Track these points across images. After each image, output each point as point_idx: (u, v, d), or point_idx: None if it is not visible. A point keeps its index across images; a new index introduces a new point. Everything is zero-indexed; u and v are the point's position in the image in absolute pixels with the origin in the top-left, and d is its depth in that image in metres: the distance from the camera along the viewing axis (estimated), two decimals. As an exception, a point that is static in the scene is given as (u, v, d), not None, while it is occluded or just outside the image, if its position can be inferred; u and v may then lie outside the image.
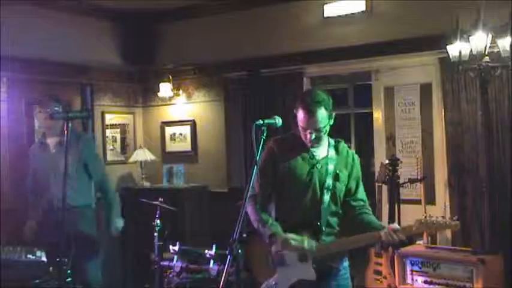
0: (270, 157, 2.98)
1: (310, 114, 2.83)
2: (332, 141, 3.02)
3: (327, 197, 2.90)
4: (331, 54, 5.53)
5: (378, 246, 4.70)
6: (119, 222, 4.44)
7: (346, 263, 3.02)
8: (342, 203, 2.97)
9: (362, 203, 2.98)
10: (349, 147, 3.07)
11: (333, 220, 2.95)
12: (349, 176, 2.97)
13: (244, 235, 2.55)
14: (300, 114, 2.87)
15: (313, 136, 2.87)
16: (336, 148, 3.00)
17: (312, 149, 2.96)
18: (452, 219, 2.75)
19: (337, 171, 2.93)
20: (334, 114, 2.92)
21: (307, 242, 2.83)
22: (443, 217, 2.78)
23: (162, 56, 6.64)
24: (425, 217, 2.76)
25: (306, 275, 2.85)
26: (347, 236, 2.93)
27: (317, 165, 2.94)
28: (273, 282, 2.90)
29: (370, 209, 3.00)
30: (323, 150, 2.98)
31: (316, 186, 2.91)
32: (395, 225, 2.81)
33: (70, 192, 4.08)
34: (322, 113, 2.83)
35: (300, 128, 2.91)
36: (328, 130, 2.94)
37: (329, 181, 2.91)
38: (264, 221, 2.90)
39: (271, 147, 2.99)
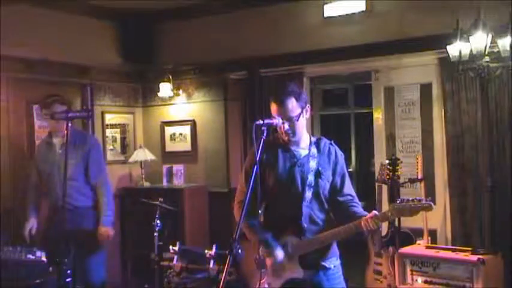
0: (252, 161, 2.97)
1: (280, 103, 2.89)
2: (313, 139, 3.05)
3: (308, 194, 2.92)
4: (331, 54, 5.53)
5: (377, 246, 4.70)
6: (109, 230, 4.27)
7: (337, 262, 3.03)
8: (329, 200, 2.99)
9: (350, 197, 3.00)
10: (332, 143, 3.07)
11: (318, 217, 2.95)
12: (333, 172, 2.99)
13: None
14: (273, 106, 2.93)
15: (286, 126, 2.90)
16: (317, 145, 3.02)
17: (292, 148, 2.98)
18: (426, 201, 2.78)
19: (319, 168, 2.94)
20: (308, 106, 2.98)
21: (277, 252, 2.88)
22: (416, 200, 2.79)
23: (162, 56, 6.64)
24: (398, 202, 2.80)
25: (294, 274, 2.89)
26: None
27: (298, 163, 2.96)
28: (265, 285, 2.93)
29: (358, 202, 3.01)
30: (304, 149, 3.00)
31: (298, 184, 2.93)
32: (374, 212, 2.83)
33: (74, 193, 4.09)
34: (292, 102, 2.89)
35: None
36: (305, 123, 2.97)
37: (311, 178, 2.93)
38: (248, 223, 2.94)
39: (252, 153, 3.00)
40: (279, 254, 2.90)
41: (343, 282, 3.05)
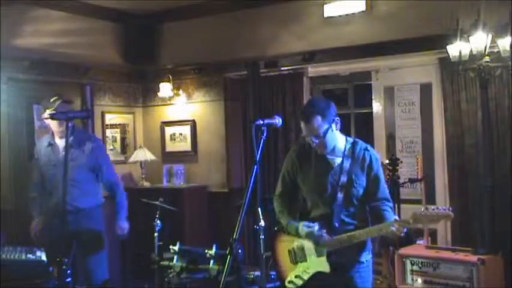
0: (289, 164, 3.16)
1: (306, 122, 2.96)
2: (349, 143, 3.08)
3: (340, 196, 2.99)
4: (331, 54, 5.53)
5: (377, 246, 4.70)
6: (124, 226, 4.42)
7: (369, 256, 3.11)
8: (364, 204, 3.06)
9: (383, 201, 3.06)
10: (368, 148, 3.12)
11: (349, 219, 3.03)
12: (367, 178, 3.04)
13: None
14: (301, 123, 3.00)
15: (316, 142, 2.97)
16: (353, 150, 3.06)
17: (327, 156, 3.05)
18: (446, 209, 2.83)
19: (352, 176, 3.01)
20: (337, 118, 3.03)
21: (317, 229, 2.97)
22: (438, 209, 2.85)
23: (162, 56, 6.64)
24: (421, 211, 2.87)
25: (321, 267, 2.98)
26: None
27: (332, 172, 3.03)
28: (294, 275, 3.08)
29: (391, 205, 3.09)
30: (338, 156, 3.05)
31: (329, 187, 3.01)
32: (395, 218, 2.95)
33: (78, 195, 4.08)
34: (317, 120, 2.94)
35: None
36: (334, 135, 3.02)
37: (343, 179, 2.99)
38: (282, 212, 3.17)
39: (291, 154, 3.17)
40: (316, 227, 2.99)
41: (372, 276, 3.17)
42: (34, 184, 4.37)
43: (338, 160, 3.05)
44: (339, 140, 3.06)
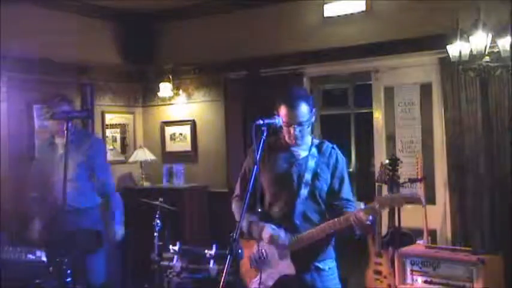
0: (251, 158, 3.04)
1: (292, 108, 2.89)
2: (316, 141, 3.05)
3: (304, 192, 2.92)
4: (331, 54, 5.53)
5: (377, 246, 4.70)
6: (119, 231, 4.34)
7: (332, 264, 3.02)
8: (326, 203, 2.98)
9: (346, 201, 2.99)
10: (334, 147, 3.07)
11: (312, 216, 2.94)
12: (332, 175, 2.98)
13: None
14: (283, 111, 2.91)
15: (297, 131, 2.91)
16: (319, 148, 3.02)
17: (292, 149, 2.99)
18: (415, 194, 2.82)
19: (318, 170, 2.95)
20: (314, 110, 2.99)
21: (280, 232, 2.88)
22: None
23: (162, 56, 6.64)
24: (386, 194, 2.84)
25: (286, 270, 2.88)
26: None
27: (296, 163, 2.97)
28: (257, 282, 2.92)
29: (353, 206, 3.00)
30: (304, 150, 3.00)
31: (294, 182, 2.94)
32: (360, 205, 2.88)
33: (74, 193, 4.07)
34: (303, 108, 2.90)
35: (283, 125, 2.93)
36: (310, 127, 2.99)
37: (307, 177, 2.93)
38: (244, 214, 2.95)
39: (252, 151, 3.01)
40: (282, 233, 2.89)
41: (339, 284, 3.04)
42: (33, 184, 4.38)
43: (303, 154, 2.99)
44: (309, 135, 3.03)
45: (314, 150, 3.00)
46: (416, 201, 2.82)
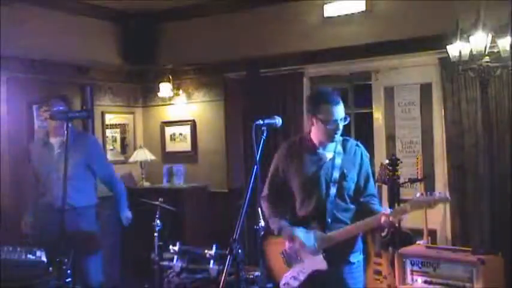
0: (279, 161, 3.13)
1: (336, 104, 2.94)
2: (340, 139, 3.08)
3: (333, 190, 2.97)
4: (331, 54, 5.53)
5: (377, 246, 4.70)
6: (128, 214, 4.50)
7: (360, 257, 3.10)
8: (354, 201, 3.04)
9: (371, 197, 3.07)
10: (358, 144, 3.13)
11: (342, 215, 3.00)
12: (358, 174, 3.04)
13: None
14: (325, 109, 2.94)
15: (341, 126, 2.96)
16: (344, 146, 3.06)
17: (319, 151, 3.03)
18: (441, 193, 2.89)
19: (344, 170, 3.00)
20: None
21: (308, 239, 2.94)
22: (433, 194, 2.88)
23: (162, 56, 6.64)
24: (417, 196, 2.89)
25: (318, 266, 2.95)
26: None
27: (324, 166, 3.01)
28: (290, 277, 3.04)
29: (378, 200, 3.10)
30: (330, 151, 3.04)
31: (322, 182, 2.99)
32: (387, 209, 2.94)
33: (72, 193, 4.06)
34: (341, 103, 2.98)
35: (323, 124, 2.95)
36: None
37: (335, 175, 2.98)
38: (273, 216, 3.09)
39: (280, 152, 3.14)
40: (311, 239, 2.96)
41: (363, 276, 3.13)
42: (29, 183, 4.38)
43: (329, 155, 3.03)
44: None
45: (339, 148, 3.04)
46: (445, 201, 2.91)
